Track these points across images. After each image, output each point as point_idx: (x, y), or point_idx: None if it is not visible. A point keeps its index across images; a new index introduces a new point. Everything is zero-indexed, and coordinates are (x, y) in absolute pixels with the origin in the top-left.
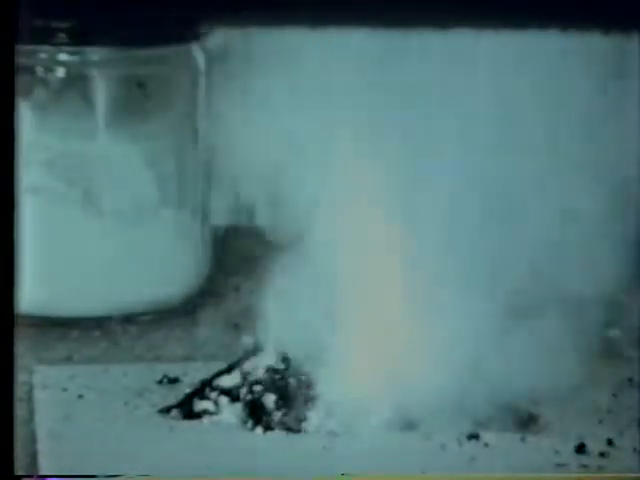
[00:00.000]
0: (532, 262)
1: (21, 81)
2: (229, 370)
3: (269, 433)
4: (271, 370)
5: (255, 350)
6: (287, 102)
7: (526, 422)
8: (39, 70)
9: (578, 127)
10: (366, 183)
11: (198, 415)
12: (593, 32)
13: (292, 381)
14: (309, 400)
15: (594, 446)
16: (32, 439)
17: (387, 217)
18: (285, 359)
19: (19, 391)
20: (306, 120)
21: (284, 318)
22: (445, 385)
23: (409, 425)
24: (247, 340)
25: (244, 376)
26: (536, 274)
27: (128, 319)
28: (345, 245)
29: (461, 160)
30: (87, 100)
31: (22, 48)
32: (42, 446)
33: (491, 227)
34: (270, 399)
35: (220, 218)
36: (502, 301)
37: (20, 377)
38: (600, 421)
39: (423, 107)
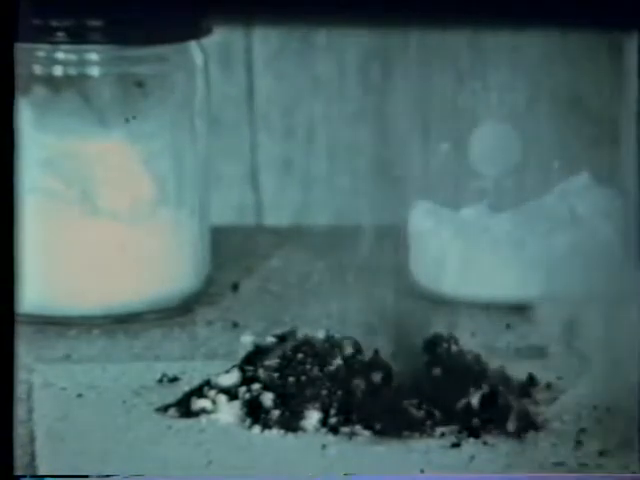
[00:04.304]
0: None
1: (20, 79)
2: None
3: (267, 432)
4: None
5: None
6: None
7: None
8: (37, 68)
9: (577, 126)
10: None
11: (196, 414)
12: (593, 32)
13: (292, 379)
14: (309, 399)
15: (593, 445)
16: (31, 438)
17: None
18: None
19: (18, 390)
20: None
21: None
22: None
23: None
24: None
25: (242, 374)
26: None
27: (127, 318)
28: None
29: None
30: (85, 99)
31: (21, 46)
32: (40, 445)
33: None
34: (268, 397)
35: (218, 217)
36: None
37: (19, 376)
38: (599, 419)
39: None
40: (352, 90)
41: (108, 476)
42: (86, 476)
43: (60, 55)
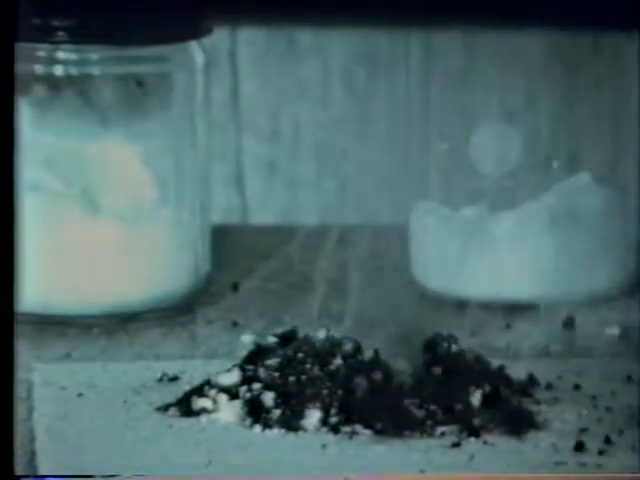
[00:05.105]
0: None
1: (20, 79)
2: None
3: (267, 431)
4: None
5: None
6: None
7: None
8: (38, 68)
9: (577, 126)
10: None
11: (196, 413)
12: (593, 32)
13: (292, 379)
14: (309, 398)
15: (593, 444)
16: (31, 438)
17: None
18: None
19: (18, 389)
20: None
21: None
22: None
23: None
24: (246, 338)
25: (243, 374)
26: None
27: (127, 317)
28: None
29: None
30: (86, 98)
31: (21, 46)
32: (40, 444)
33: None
34: (269, 397)
35: (219, 217)
36: None
37: (19, 375)
38: (599, 419)
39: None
40: (337, 92)
41: (110, 476)
42: (87, 476)
43: (60, 55)
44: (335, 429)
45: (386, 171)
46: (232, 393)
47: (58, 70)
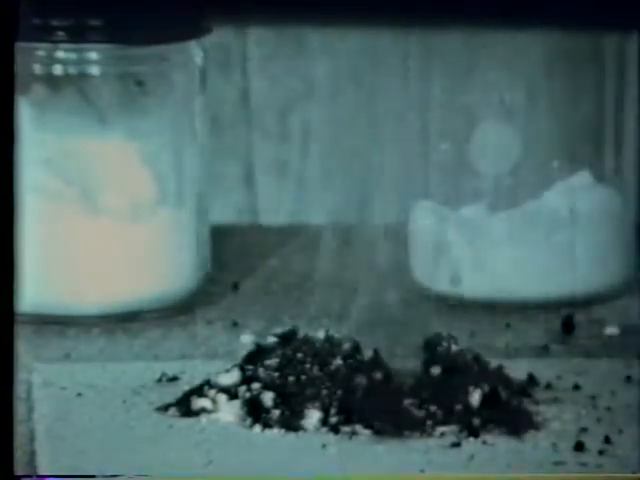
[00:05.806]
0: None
1: (20, 79)
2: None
3: (267, 431)
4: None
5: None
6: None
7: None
8: (37, 68)
9: (577, 125)
10: None
11: (196, 413)
12: (593, 32)
13: (292, 379)
14: (309, 398)
15: (593, 444)
16: (31, 438)
17: None
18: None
19: (18, 389)
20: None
21: None
22: None
23: None
24: (246, 338)
25: (242, 374)
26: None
27: (127, 317)
28: None
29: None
30: (85, 98)
31: (21, 46)
32: (40, 444)
33: None
34: (268, 397)
35: (218, 216)
36: None
37: (19, 375)
38: (599, 419)
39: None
40: (347, 91)
41: (110, 476)
42: (87, 476)
43: (60, 54)
44: (335, 429)
45: (386, 171)
46: (232, 393)
47: (58, 69)
